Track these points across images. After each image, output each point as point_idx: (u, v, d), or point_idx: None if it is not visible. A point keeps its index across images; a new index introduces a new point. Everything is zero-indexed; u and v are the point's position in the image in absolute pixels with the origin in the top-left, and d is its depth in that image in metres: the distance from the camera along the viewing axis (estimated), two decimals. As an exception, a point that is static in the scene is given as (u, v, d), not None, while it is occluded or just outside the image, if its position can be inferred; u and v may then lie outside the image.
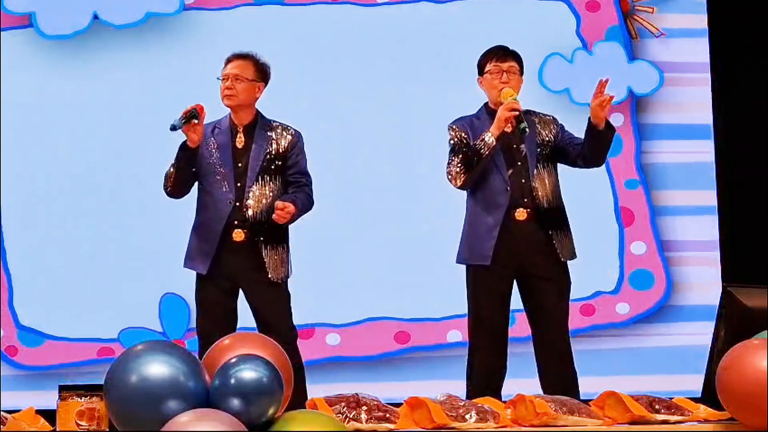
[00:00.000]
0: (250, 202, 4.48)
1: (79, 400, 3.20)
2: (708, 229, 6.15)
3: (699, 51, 6.24)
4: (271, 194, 4.51)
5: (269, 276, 4.47)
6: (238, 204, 4.48)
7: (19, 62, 5.93)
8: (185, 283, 4.69)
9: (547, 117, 4.78)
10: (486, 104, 4.72)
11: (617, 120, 6.19)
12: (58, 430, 3.23)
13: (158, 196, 5.87)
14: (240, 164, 4.51)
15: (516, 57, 4.69)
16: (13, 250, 5.86)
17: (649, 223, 6.15)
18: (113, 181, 5.94)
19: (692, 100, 6.21)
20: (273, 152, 4.54)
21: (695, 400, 3.58)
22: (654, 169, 6.19)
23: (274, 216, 4.41)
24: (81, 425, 3.17)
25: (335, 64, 6.09)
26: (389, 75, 6.11)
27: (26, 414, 3.46)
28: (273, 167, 4.53)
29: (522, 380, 4.54)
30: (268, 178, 4.52)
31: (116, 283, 5.87)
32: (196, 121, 4.43)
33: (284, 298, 4.55)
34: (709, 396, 3.42)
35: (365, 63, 6.12)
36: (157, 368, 2.73)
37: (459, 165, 4.59)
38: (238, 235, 4.46)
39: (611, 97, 4.52)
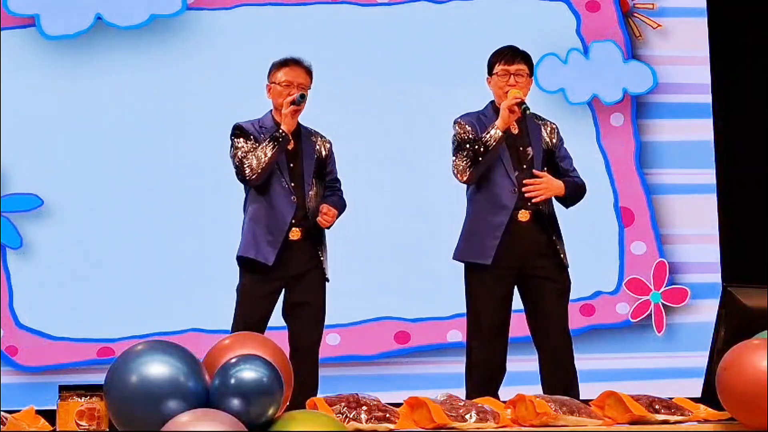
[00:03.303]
0: (309, 203, 4.61)
1: (79, 400, 3.19)
2: (708, 229, 6.15)
3: (699, 51, 6.24)
4: (319, 197, 4.68)
5: (327, 274, 4.66)
6: (298, 203, 4.59)
7: (20, 63, 5.93)
8: (186, 282, 4.70)
9: (552, 124, 4.80)
10: (492, 102, 4.73)
11: (617, 120, 6.20)
12: (58, 430, 3.23)
13: (159, 197, 5.92)
14: (293, 165, 4.62)
15: (525, 58, 4.70)
16: (13, 250, 5.86)
17: (649, 223, 6.16)
18: (114, 181, 5.94)
19: (692, 100, 6.21)
20: (318, 158, 4.70)
21: (695, 400, 3.58)
22: (654, 169, 6.19)
23: (319, 219, 4.59)
24: (81, 425, 3.17)
25: (335, 64, 6.08)
26: (389, 75, 6.11)
27: (26, 414, 3.45)
28: (318, 172, 4.69)
29: (522, 380, 4.54)
30: (316, 181, 4.68)
31: (116, 282, 5.87)
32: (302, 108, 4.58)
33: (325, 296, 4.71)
34: (709, 396, 3.42)
35: (365, 63, 6.12)
36: (157, 368, 2.73)
37: (465, 159, 4.59)
38: (295, 233, 4.59)
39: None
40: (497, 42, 4.79)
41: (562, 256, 4.63)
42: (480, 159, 4.55)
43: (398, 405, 3.45)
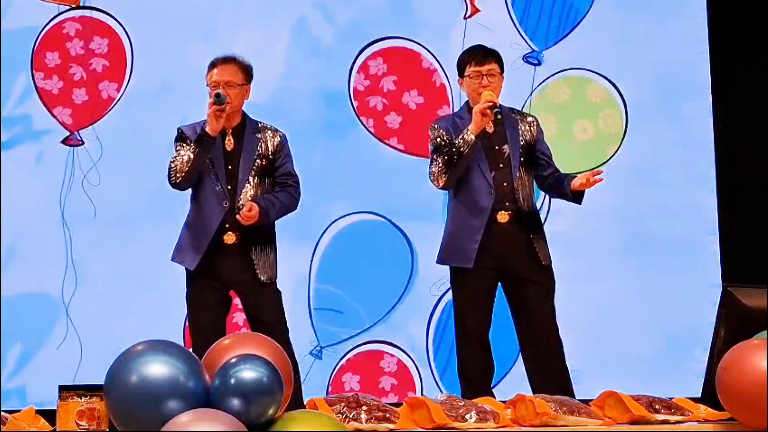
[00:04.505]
0: (242, 205, 4.47)
1: (79, 400, 3.20)
2: (708, 229, 6.14)
3: (699, 51, 6.24)
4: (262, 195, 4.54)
5: (259, 276, 4.48)
6: (229, 207, 4.48)
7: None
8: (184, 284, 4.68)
9: (530, 117, 4.75)
10: (467, 103, 4.68)
11: (617, 120, 6.20)
12: (58, 430, 3.24)
13: (159, 196, 5.91)
14: (230, 167, 4.52)
15: (496, 57, 4.65)
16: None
17: (650, 223, 6.15)
18: (114, 182, 5.93)
19: (692, 100, 6.21)
20: (262, 154, 4.55)
21: (695, 400, 3.59)
22: (654, 168, 6.18)
23: (237, 216, 4.44)
24: (81, 425, 3.17)
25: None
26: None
27: (26, 414, 3.46)
28: (263, 169, 4.55)
29: (522, 380, 4.55)
30: (258, 180, 4.53)
31: (116, 282, 5.87)
32: (224, 107, 4.41)
33: (277, 298, 4.55)
34: (709, 396, 3.43)
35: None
36: (157, 368, 2.73)
37: (440, 165, 4.54)
38: (230, 237, 4.48)
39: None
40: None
41: (540, 255, 4.56)
42: (454, 164, 4.49)
43: (398, 405, 3.45)
